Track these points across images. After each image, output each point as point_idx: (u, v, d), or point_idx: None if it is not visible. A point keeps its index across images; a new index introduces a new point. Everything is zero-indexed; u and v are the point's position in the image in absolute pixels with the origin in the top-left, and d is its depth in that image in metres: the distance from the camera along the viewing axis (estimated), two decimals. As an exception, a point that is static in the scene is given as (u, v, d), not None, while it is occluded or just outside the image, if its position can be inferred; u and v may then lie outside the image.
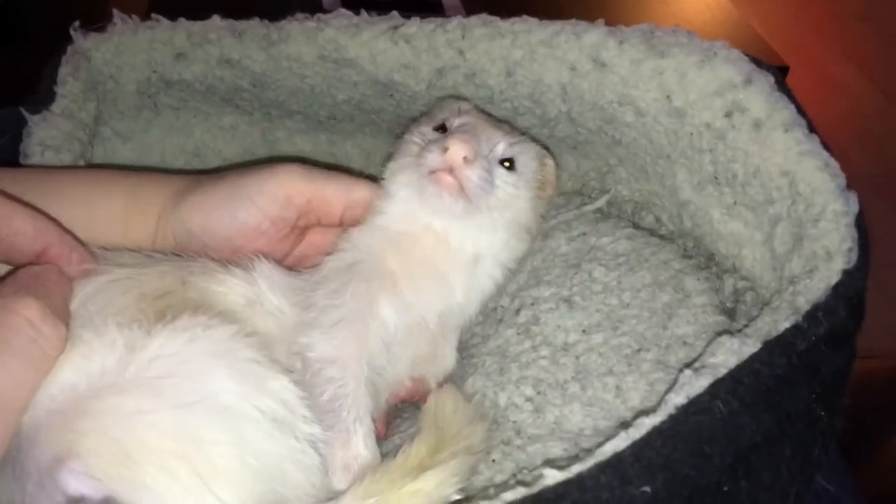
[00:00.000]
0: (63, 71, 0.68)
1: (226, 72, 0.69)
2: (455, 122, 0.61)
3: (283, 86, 0.70)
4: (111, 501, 0.39)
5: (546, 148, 0.66)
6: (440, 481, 0.46)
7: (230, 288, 0.53)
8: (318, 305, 0.54)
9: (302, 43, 0.66)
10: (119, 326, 0.44)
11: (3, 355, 0.40)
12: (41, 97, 0.67)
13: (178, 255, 0.56)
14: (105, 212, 0.58)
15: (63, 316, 0.44)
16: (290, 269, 0.60)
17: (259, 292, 0.54)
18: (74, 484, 0.40)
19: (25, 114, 0.66)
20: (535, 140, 0.66)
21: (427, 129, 0.62)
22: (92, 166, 0.69)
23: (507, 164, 0.59)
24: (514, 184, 0.59)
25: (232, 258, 0.56)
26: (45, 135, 0.65)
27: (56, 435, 0.41)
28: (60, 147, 0.65)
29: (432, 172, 0.55)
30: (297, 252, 0.62)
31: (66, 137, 0.66)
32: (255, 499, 0.43)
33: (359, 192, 0.60)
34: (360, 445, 0.50)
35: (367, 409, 0.52)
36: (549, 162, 0.64)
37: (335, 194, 0.59)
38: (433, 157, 0.56)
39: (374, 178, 0.63)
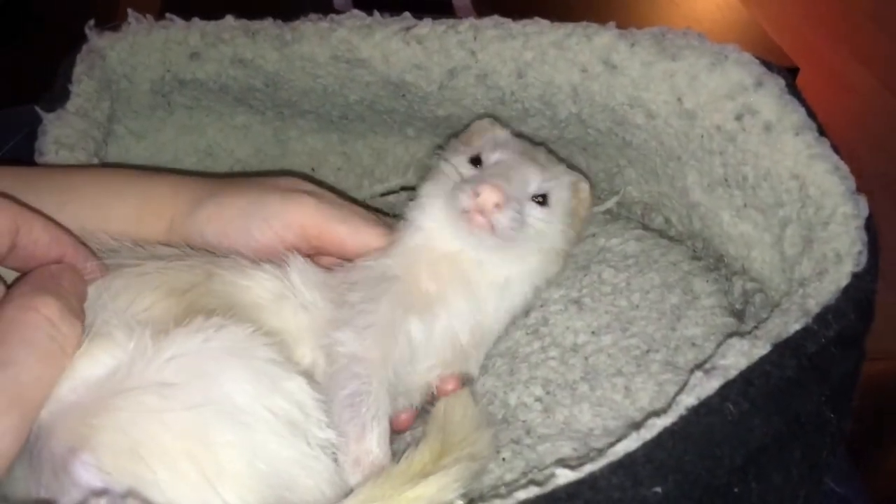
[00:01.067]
0: (78, 69, 0.68)
1: (239, 71, 0.70)
2: (491, 159, 0.61)
3: (296, 86, 0.70)
4: (133, 494, 0.39)
5: (582, 173, 0.66)
6: (441, 487, 0.46)
7: (258, 282, 0.54)
8: (353, 306, 0.55)
9: (315, 43, 0.66)
10: (151, 334, 0.45)
11: (22, 352, 0.41)
12: (56, 95, 0.67)
13: (210, 252, 0.56)
14: (117, 212, 0.58)
15: (79, 314, 0.45)
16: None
17: (291, 286, 0.54)
18: (86, 476, 0.40)
19: (40, 112, 0.66)
20: (572, 167, 0.66)
21: (462, 161, 0.61)
22: (106, 165, 0.69)
23: (539, 199, 0.59)
24: (546, 219, 0.59)
25: None
26: (59, 133, 0.65)
27: (72, 427, 0.41)
28: (75, 145, 0.65)
29: (465, 212, 0.56)
30: None
31: (81, 136, 0.66)
32: (261, 502, 0.43)
33: (367, 237, 0.60)
34: (374, 443, 0.50)
35: (385, 411, 0.52)
36: (584, 186, 0.64)
37: (346, 235, 0.59)
38: (465, 199, 0.55)
39: (383, 181, 0.63)
